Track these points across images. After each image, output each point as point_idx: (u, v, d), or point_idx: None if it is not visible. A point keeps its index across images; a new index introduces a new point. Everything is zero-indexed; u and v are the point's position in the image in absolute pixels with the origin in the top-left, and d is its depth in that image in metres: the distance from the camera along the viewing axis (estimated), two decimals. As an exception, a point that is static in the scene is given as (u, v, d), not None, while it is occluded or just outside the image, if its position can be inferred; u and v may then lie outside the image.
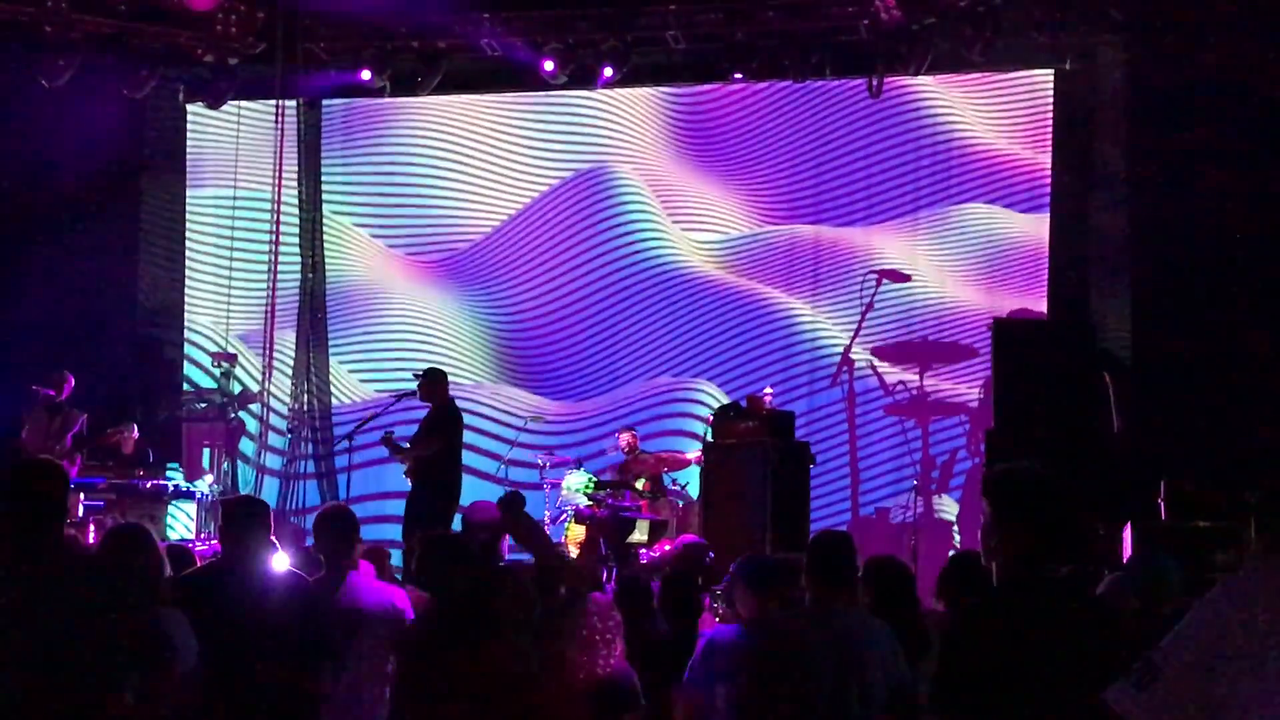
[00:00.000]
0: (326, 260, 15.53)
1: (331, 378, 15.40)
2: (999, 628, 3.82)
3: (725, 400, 13.75)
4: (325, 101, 15.53)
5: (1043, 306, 13.78)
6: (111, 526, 5.94)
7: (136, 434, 13.23)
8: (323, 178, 15.58)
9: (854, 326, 14.39)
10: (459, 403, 12.61)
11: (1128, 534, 10.00)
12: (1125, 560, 9.18)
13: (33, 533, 4.63)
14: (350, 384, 15.44)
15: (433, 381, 12.32)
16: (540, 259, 15.37)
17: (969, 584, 5.77)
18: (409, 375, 12.91)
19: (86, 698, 4.46)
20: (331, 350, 15.46)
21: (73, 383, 12.63)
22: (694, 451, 13.49)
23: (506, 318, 15.39)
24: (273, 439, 15.09)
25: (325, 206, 15.57)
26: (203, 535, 12.64)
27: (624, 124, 15.25)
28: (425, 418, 12.22)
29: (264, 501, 6.68)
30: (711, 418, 12.65)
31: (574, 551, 12.85)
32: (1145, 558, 6.94)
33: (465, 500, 11.80)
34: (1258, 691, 3.12)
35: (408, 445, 12.17)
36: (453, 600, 5.35)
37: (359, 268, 15.65)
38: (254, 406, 15.04)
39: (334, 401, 15.34)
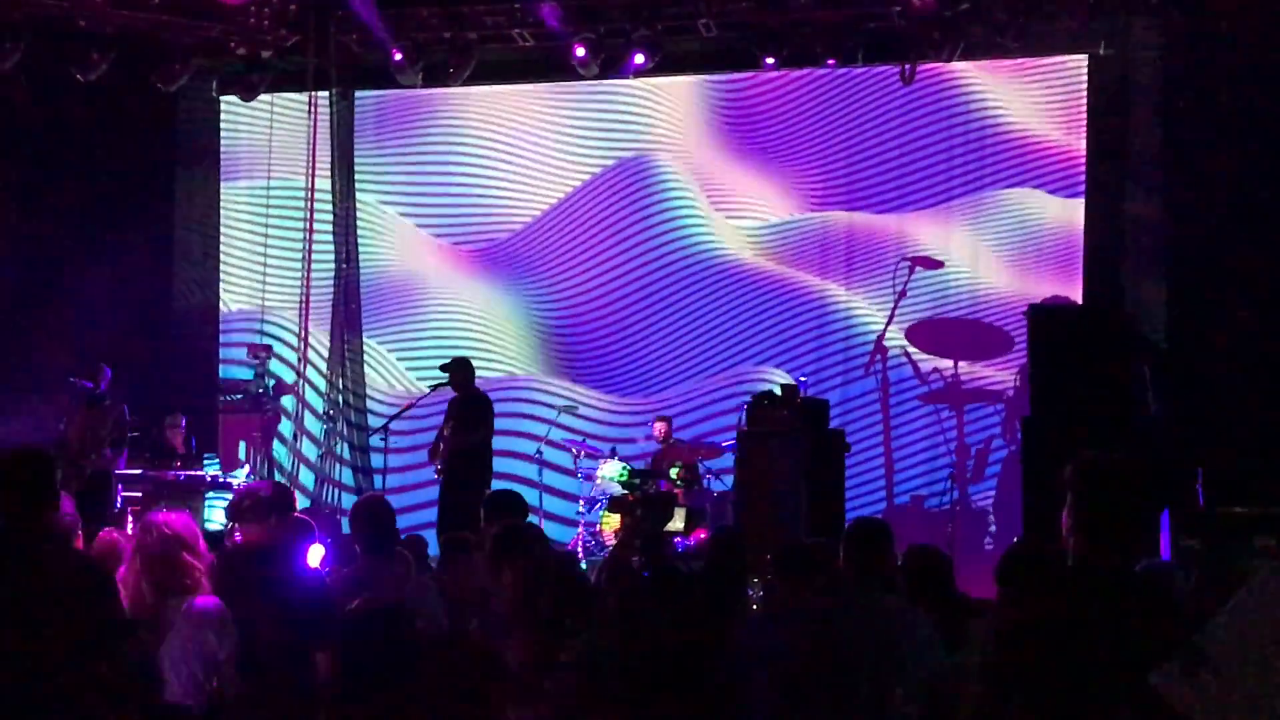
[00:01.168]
0: (372, 250, 15.59)
1: (378, 366, 15.45)
2: (1064, 611, 3.83)
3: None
4: (367, 93, 15.57)
5: (1078, 292, 13.70)
6: (147, 517, 5.97)
7: (184, 426, 13.34)
8: (369, 169, 15.63)
9: (888, 313, 14.35)
10: (501, 391, 12.61)
11: (1165, 521, 9.96)
12: (1172, 551, 9.15)
13: (19, 522, 4.69)
14: (396, 373, 15.48)
15: (465, 370, 12.36)
16: (582, 248, 15.38)
17: (1034, 571, 5.74)
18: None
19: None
20: (378, 339, 15.51)
21: (110, 375, 12.71)
22: (728, 440, 13.51)
23: (548, 306, 15.41)
24: (308, 430, 15.16)
25: (370, 196, 15.63)
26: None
27: (665, 112, 15.23)
28: (463, 407, 12.23)
29: (285, 487, 6.69)
30: (745, 406, 12.63)
31: (611, 539, 12.90)
32: (1220, 549, 6.92)
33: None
34: None
35: (446, 436, 12.19)
36: None
37: (404, 257, 15.70)
38: (289, 398, 15.10)
39: (378, 389, 15.37)
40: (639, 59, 14.01)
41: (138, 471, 12.88)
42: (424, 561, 8.15)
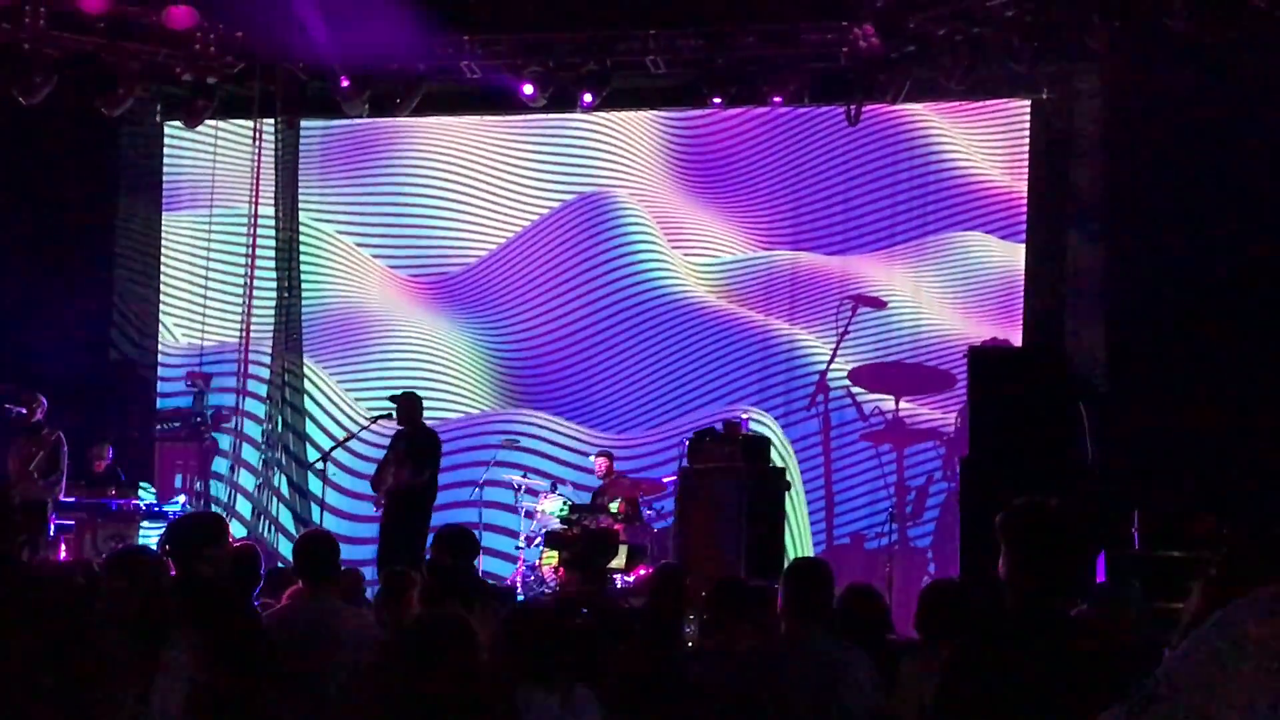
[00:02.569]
0: (326, 280, 15.48)
1: (320, 396, 15.32)
2: (1005, 660, 3.83)
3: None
4: (327, 122, 15.49)
5: (1017, 334, 13.81)
6: (117, 550, 5.89)
7: (110, 456, 13.21)
8: (327, 199, 15.54)
9: (830, 352, 14.40)
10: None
11: (1101, 563, 10.02)
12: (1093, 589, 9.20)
13: None
14: (338, 403, 15.34)
15: (413, 405, 12.29)
16: (537, 282, 15.34)
17: (948, 613, 5.76)
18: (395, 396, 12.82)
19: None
20: (327, 369, 15.38)
21: (46, 404, 12.59)
22: (669, 476, 13.51)
23: (503, 340, 15.35)
24: (246, 459, 15.01)
25: (329, 226, 15.53)
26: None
27: (623, 148, 15.25)
28: (412, 444, 12.14)
29: (219, 517, 6.61)
30: (687, 442, 12.64)
31: (551, 577, 12.83)
32: (1111, 586, 6.97)
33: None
34: None
35: (393, 470, 12.13)
36: None
37: (358, 288, 15.59)
38: (228, 426, 14.96)
39: (320, 419, 15.23)
40: (586, 98, 14.06)
41: (72, 500, 12.74)
42: (359, 595, 8.10)
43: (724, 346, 14.81)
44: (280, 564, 11.21)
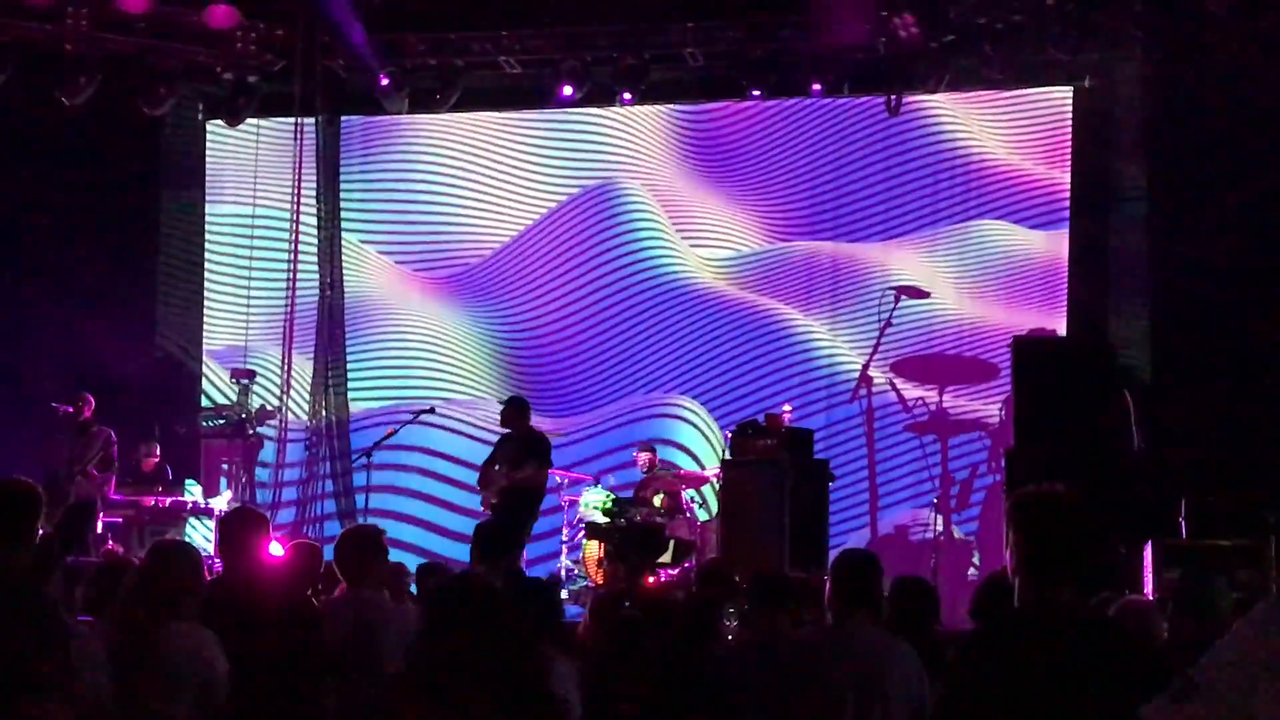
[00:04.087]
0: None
1: (363, 391, 15.37)
2: (1012, 653, 3.75)
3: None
4: (343, 118, 15.53)
5: (1061, 323, 13.73)
6: (154, 542, 5.93)
7: (158, 454, 13.31)
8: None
9: (872, 343, 14.33)
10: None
11: (1148, 553, 9.97)
12: (1155, 584, 9.15)
13: None
14: (363, 399, 15.39)
15: (518, 410, 12.40)
16: (548, 275, 15.34)
17: (1005, 605, 5.72)
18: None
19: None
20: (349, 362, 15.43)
21: (93, 403, 12.71)
22: (713, 468, 13.50)
23: (515, 333, 15.35)
24: (291, 455, 15.06)
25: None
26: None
27: (633, 140, 15.24)
28: (525, 442, 12.25)
29: (258, 511, 6.65)
30: (730, 435, 12.62)
31: (593, 570, 12.84)
32: (1195, 581, 6.88)
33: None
34: None
35: (498, 468, 12.25)
36: None
37: (367, 284, 15.64)
38: (272, 423, 15.01)
39: (362, 414, 15.27)
40: (625, 90, 14.07)
41: (119, 497, 12.85)
42: (404, 589, 8.14)
43: (749, 340, 14.76)
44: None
